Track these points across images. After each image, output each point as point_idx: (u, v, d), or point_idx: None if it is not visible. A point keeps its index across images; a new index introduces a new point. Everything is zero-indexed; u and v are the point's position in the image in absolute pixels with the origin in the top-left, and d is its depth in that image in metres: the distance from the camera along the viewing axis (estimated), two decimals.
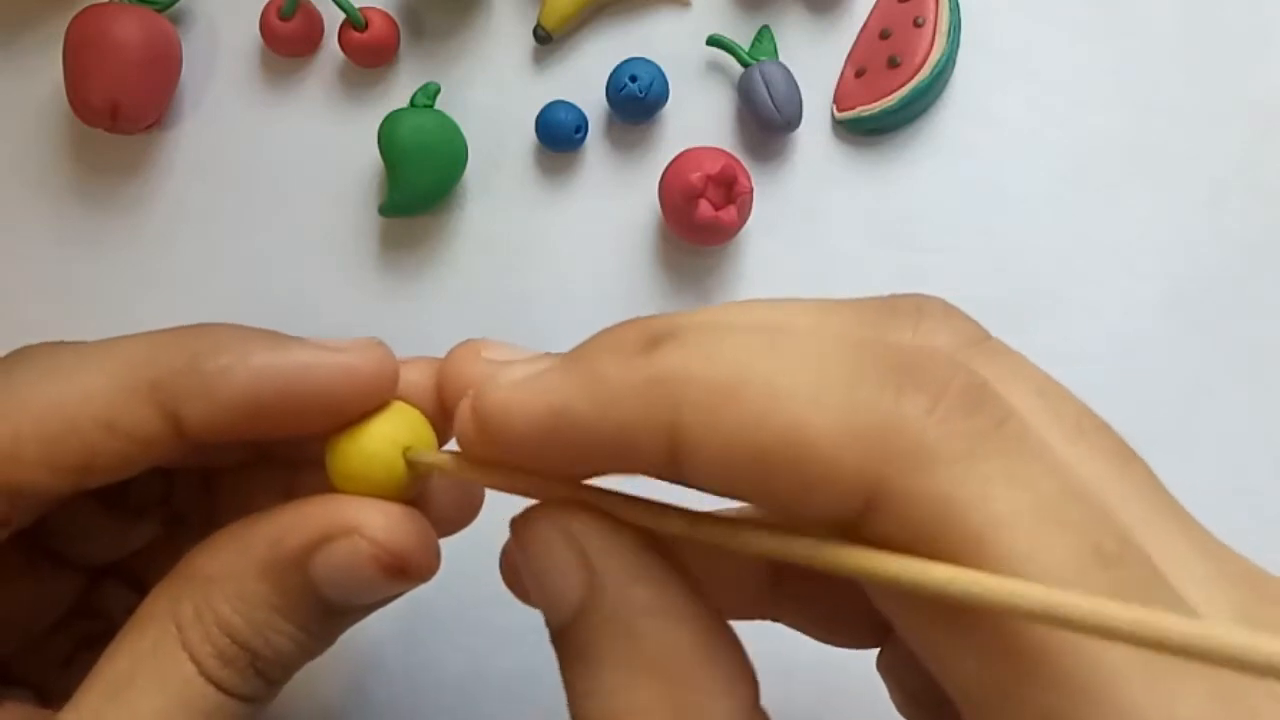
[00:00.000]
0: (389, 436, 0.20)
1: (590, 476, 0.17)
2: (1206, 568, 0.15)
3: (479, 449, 0.17)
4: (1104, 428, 0.16)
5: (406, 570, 0.19)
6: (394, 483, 0.20)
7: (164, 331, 0.21)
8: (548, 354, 0.18)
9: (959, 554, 0.13)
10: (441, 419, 0.20)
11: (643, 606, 0.16)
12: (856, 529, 0.14)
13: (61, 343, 0.23)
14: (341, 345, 0.20)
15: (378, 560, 0.19)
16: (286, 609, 0.19)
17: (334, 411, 0.20)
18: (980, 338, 0.18)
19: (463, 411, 0.17)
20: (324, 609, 0.19)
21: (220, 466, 0.24)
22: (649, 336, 0.16)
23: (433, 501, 0.21)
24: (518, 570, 0.18)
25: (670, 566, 0.17)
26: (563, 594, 0.17)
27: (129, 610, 0.25)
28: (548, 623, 0.17)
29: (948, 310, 0.18)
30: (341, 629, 0.21)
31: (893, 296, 0.18)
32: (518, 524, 0.18)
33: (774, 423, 0.14)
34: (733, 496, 0.16)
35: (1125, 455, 0.16)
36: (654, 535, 0.17)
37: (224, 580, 0.19)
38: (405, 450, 0.20)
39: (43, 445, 0.19)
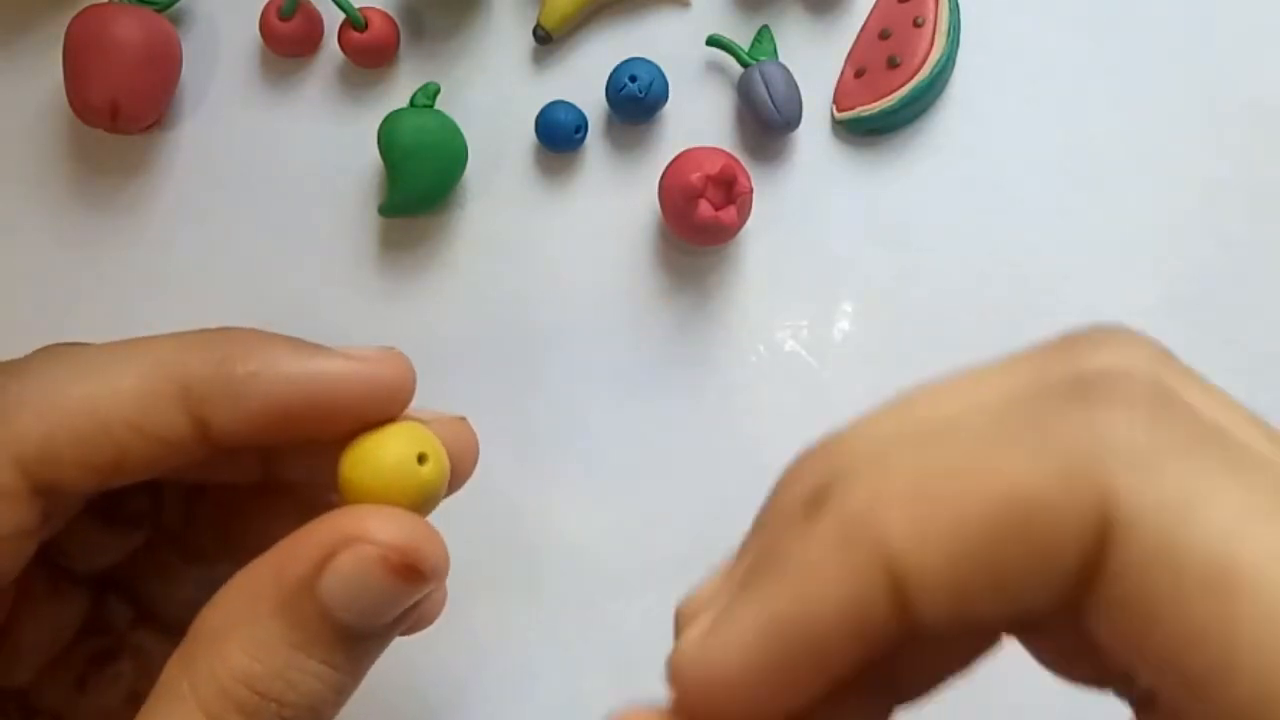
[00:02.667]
0: (401, 446, 0.20)
1: (824, 687, 0.14)
2: None
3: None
4: None
5: (417, 569, 0.19)
6: (410, 491, 0.19)
7: (192, 333, 0.21)
8: (713, 583, 0.15)
9: (1211, 596, 0.12)
10: None
11: None
12: (1091, 590, 0.13)
13: (85, 345, 0.24)
14: (365, 354, 0.20)
15: (386, 562, 0.18)
16: (305, 643, 0.18)
17: (356, 419, 0.20)
18: (1162, 355, 0.15)
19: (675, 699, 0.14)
20: (344, 636, 0.19)
21: (223, 483, 0.24)
22: (812, 494, 0.14)
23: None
24: None
25: None
26: None
27: (132, 623, 0.25)
28: None
29: (1119, 333, 0.15)
30: (367, 660, 0.20)
31: (1062, 336, 0.15)
32: None
33: (982, 500, 0.12)
34: (974, 617, 0.13)
35: None
36: None
37: (235, 629, 0.18)
38: (420, 458, 0.20)
39: (76, 445, 0.19)
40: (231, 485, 0.24)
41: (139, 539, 0.24)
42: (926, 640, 0.14)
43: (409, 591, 0.19)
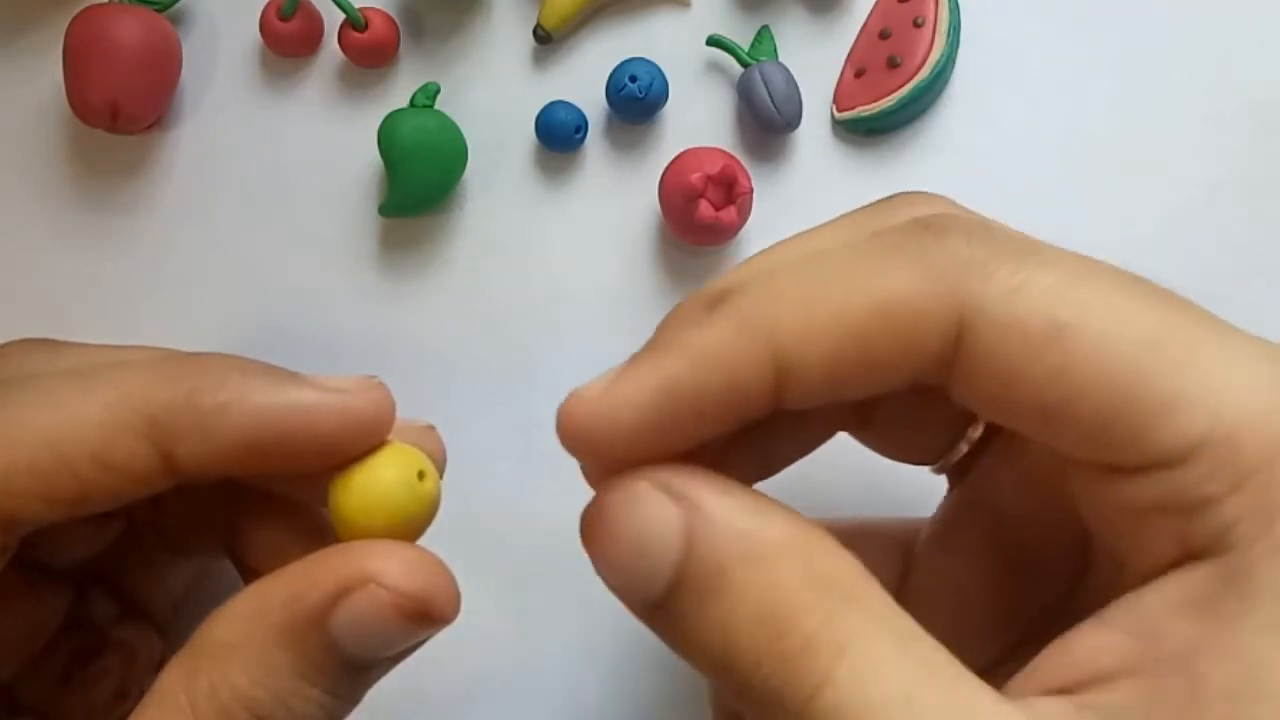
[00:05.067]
0: (394, 473, 0.19)
1: (695, 444, 0.17)
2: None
3: (595, 459, 0.17)
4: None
5: (429, 614, 0.18)
6: (402, 519, 0.19)
7: (164, 360, 0.21)
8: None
9: (1050, 346, 0.15)
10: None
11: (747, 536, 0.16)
12: (951, 369, 0.16)
13: (59, 343, 0.23)
14: (343, 385, 0.20)
15: (400, 608, 0.18)
16: (310, 673, 0.18)
17: (332, 452, 0.20)
18: (961, 207, 0.19)
19: (565, 431, 0.17)
20: (348, 667, 0.19)
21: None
22: (708, 300, 0.17)
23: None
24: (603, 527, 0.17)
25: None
26: (663, 541, 0.16)
27: (118, 619, 0.25)
28: (640, 590, 0.17)
29: (923, 194, 0.19)
30: (366, 686, 0.20)
31: (876, 200, 0.19)
32: (606, 490, 0.17)
33: (860, 305, 0.16)
34: (839, 395, 0.17)
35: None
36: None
37: (241, 649, 0.18)
38: (409, 485, 0.19)
39: (36, 478, 0.19)
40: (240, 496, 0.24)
41: (114, 531, 0.24)
42: (786, 424, 0.18)
43: (421, 633, 0.19)
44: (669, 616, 0.17)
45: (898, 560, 0.23)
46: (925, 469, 0.23)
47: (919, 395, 0.17)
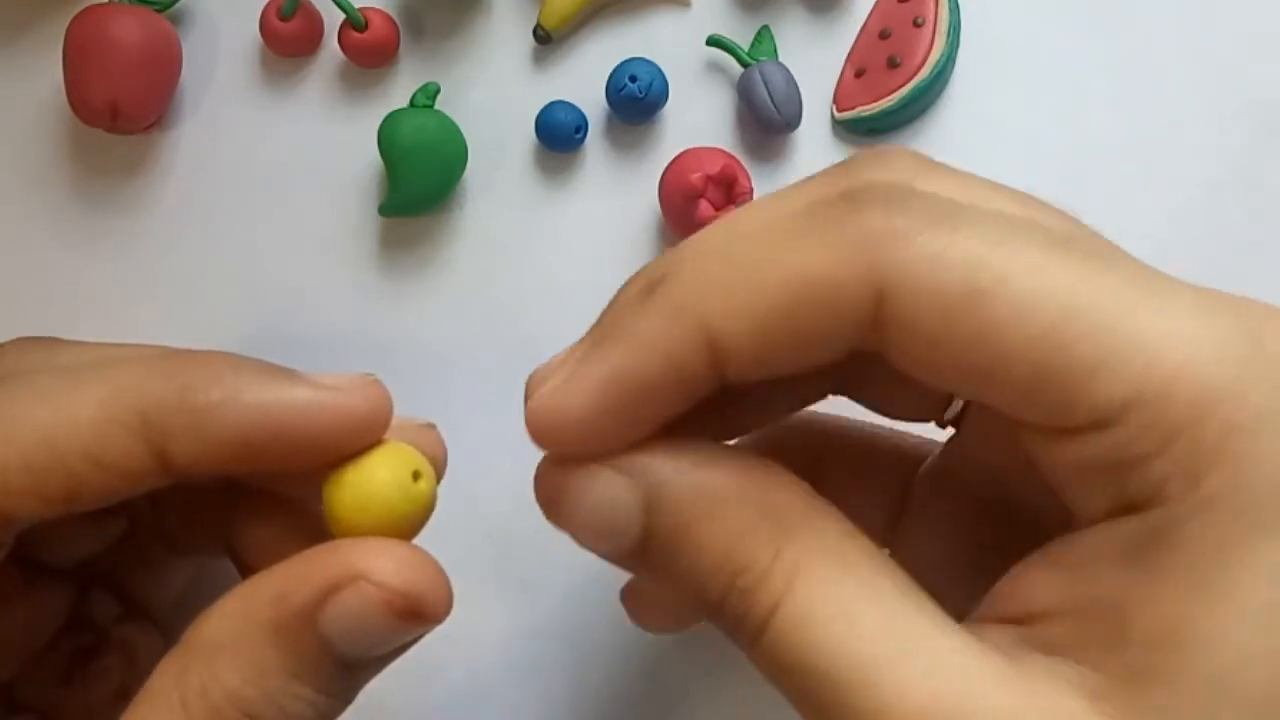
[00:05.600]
0: (388, 472, 0.19)
1: (648, 430, 0.18)
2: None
3: (566, 451, 0.18)
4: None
5: (420, 612, 0.18)
6: (395, 519, 0.19)
7: (157, 357, 0.20)
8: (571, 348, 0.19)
9: (969, 313, 0.15)
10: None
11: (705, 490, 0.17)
12: (878, 335, 0.16)
13: (57, 341, 0.23)
14: (338, 383, 0.20)
15: (390, 605, 0.18)
16: (302, 671, 0.18)
17: (327, 450, 0.19)
18: (918, 162, 0.19)
19: (530, 428, 0.18)
20: (340, 665, 0.19)
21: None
22: (644, 286, 0.17)
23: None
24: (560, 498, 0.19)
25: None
26: (623, 513, 0.18)
27: (119, 618, 0.25)
28: (614, 558, 0.18)
29: (886, 150, 0.19)
30: (360, 685, 0.20)
31: (845, 160, 0.19)
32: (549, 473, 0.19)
33: (781, 284, 0.16)
34: (775, 370, 0.17)
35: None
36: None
37: (232, 648, 0.18)
38: (403, 484, 0.19)
39: (29, 475, 0.19)
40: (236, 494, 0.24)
41: (114, 530, 0.24)
42: (758, 395, 0.19)
43: (412, 631, 0.19)
44: (644, 568, 0.18)
45: (897, 484, 0.23)
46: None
47: None
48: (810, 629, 0.16)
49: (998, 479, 0.21)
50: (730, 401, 0.18)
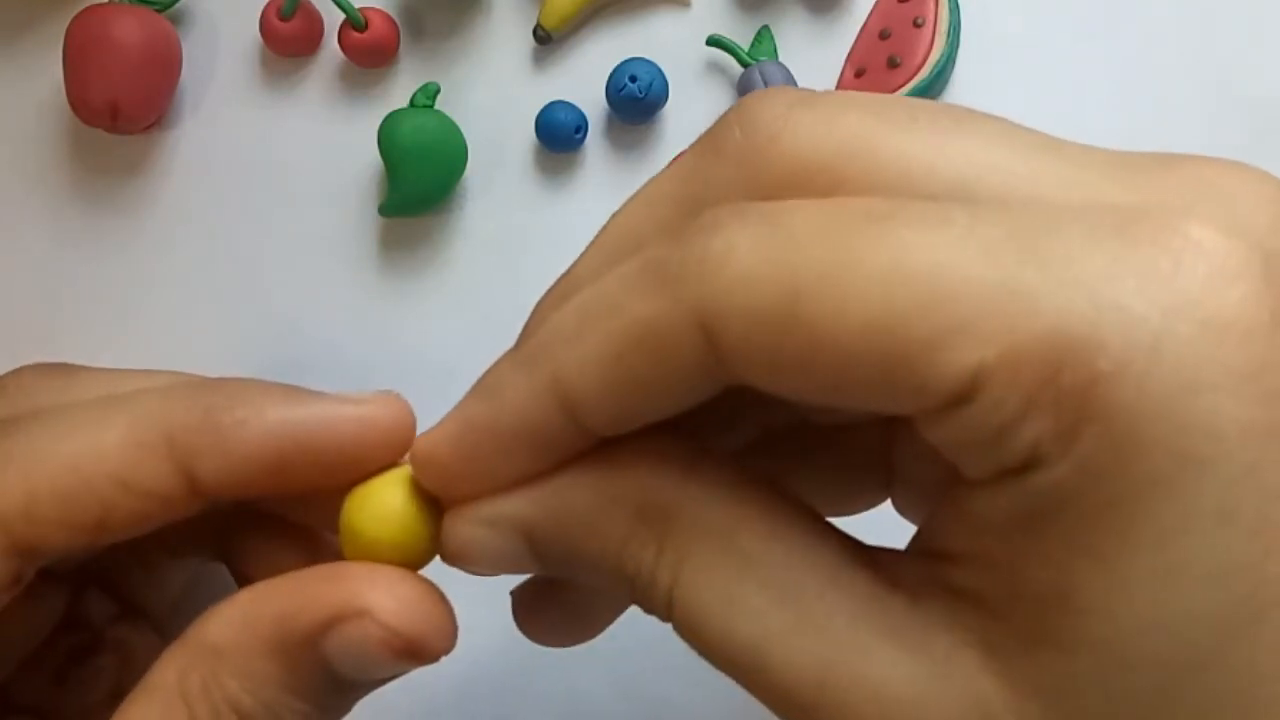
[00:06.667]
0: (408, 491, 0.19)
1: (529, 471, 0.18)
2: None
3: (444, 490, 0.19)
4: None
5: (420, 653, 0.18)
6: (411, 540, 0.19)
7: (179, 384, 0.21)
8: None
9: (790, 325, 0.15)
10: None
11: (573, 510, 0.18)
12: (725, 369, 0.16)
13: (71, 368, 0.23)
14: (361, 398, 0.20)
15: (389, 645, 0.18)
16: (297, 687, 0.18)
17: (352, 465, 0.19)
18: (784, 116, 0.17)
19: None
20: (337, 684, 0.19)
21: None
22: (521, 335, 0.18)
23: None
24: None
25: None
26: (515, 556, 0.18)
27: (115, 619, 0.25)
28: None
29: (754, 99, 0.18)
30: (356, 699, 0.20)
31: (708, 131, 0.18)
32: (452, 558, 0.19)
33: (620, 329, 0.16)
34: (637, 419, 0.17)
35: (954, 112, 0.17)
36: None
37: (232, 655, 0.18)
38: (422, 507, 0.19)
39: (59, 504, 0.19)
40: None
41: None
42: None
43: (410, 667, 0.19)
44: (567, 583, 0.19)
45: (880, 455, 0.22)
46: None
47: None
48: (702, 619, 0.16)
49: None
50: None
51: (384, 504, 0.19)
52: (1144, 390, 0.13)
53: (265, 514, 0.23)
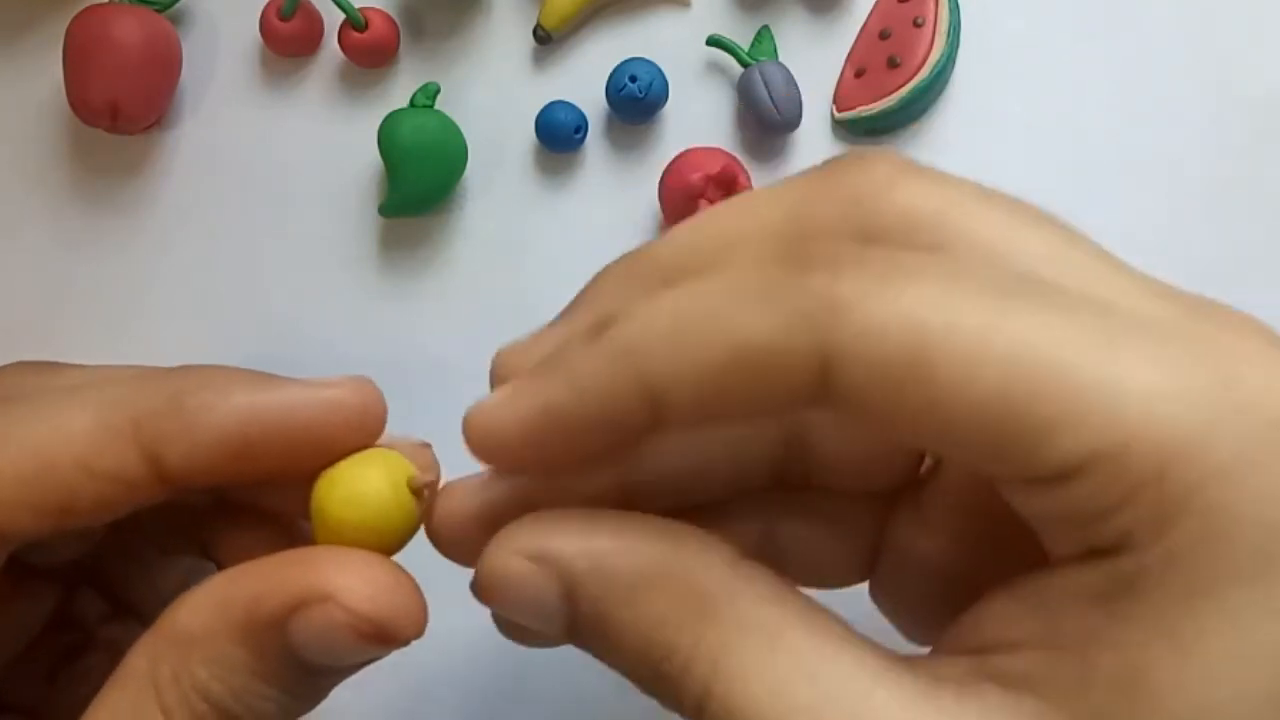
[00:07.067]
0: (381, 474, 0.19)
1: (579, 468, 0.19)
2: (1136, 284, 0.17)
3: (493, 465, 0.19)
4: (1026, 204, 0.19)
5: (388, 637, 0.18)
6: (383, 523, 0.19)
7: (148, 370, 0.21)
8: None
9: (915, 383, 0.15)
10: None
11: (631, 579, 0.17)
12: (828, 403, 0.16)
13: (47, 364, 0.23)
14: (329, 381, 0.20)
15: (355, 629, 0.18)
16: (266, 673, 0.18)
17: (321, 449, 0.19)
18: (901, 170, 0.18)
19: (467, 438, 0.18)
20: (305, 670, 0.19)
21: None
22: (597, 321, 0.17)
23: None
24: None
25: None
26: (545, 606, 0.18)
27: (106, 617, 0.25)
28: (549, 640, 0.18)
29: (875, 165, 0.19)
30: (330, 686, 0.20)
31: (825, 167, 0.19)
32: (482, 574, 0.18)
33: (722, 348, 0.16)
34: (720, 426, 0.18)
35: (1064, 230, 0.19)
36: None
37: (202, 642, 0.18)
38: (395, 490, 0.19)
39: (21, 487, 0.19)
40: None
41: (99, 530, 0.24)
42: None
43: (380, 652, 0.19)
44: (579, 646, 0.18)
45: (872, 523, 0.23)
46: None
47: None
48: (749, 712, 0.16)
49: (976, 515, 0.20)
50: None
51: (352, 487, 0.19)
52: (1241, 494, 0.14)
53: (246, 506, 0.23)
